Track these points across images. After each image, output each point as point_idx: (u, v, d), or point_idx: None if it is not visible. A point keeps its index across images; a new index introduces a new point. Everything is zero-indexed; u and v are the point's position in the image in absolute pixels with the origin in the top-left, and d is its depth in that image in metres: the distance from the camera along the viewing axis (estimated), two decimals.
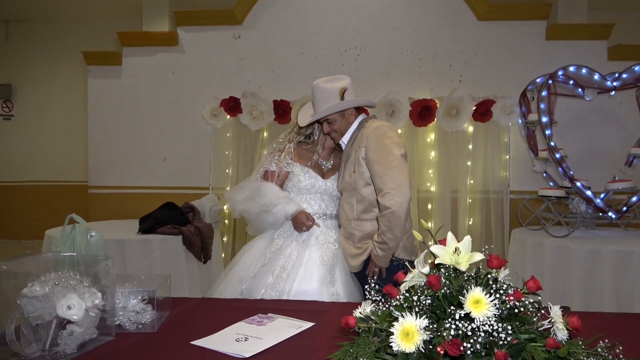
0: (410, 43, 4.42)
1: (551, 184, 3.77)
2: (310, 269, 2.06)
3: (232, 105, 4.20)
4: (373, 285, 1.29)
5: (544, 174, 3.81)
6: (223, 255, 4.22)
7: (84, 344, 1.24)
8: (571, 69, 3.32)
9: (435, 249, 1.19)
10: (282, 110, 4.14)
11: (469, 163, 4.18)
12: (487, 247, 1.27)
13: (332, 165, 2.34)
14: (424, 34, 4.41)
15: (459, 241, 1.18)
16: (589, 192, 3.19)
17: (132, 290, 1.44)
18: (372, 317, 1.23)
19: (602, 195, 3.36)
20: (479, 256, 1.16)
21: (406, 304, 1.17)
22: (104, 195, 4.70)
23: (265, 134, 4.33)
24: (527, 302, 1.11)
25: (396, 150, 1.98)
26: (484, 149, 4.18)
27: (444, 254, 1.18)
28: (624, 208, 3.28)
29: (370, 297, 1.30)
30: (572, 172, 3.23)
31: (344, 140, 2.21)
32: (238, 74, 4.55)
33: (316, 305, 1.74)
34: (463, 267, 1.15)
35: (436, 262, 1.19)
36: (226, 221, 4.42)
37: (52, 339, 1.20)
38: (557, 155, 3.23)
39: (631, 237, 3.21)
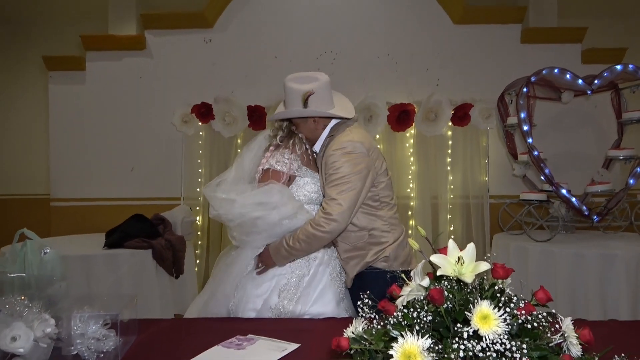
0: (387, 46, 4.35)
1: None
2: (323, 289, 1.86)
3: (203, 111, 4.04)
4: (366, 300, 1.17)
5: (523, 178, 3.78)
6: (197, 269, 4.02)
7: None
8: (546, 71, 3.30)
9: (436, 258, 1.07)
10: (256, 116, 4.00)
11: (448, 168, 4.12)
12: (489, 255, 1.16)
13: None
14: (400, 37, 4.36)
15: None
16: (573, 199, 3.17)
17: (92, 314, 1.27)
18: (366, 337, 1.10)
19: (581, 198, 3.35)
20: (485, 266, 1.05)
21: (405, 322, 1.04)
22: (67, 209, 4.43)
23: (239, 141, 4.18)
24: (540, 316, 1.00)
25: (347, 169, 1.76)
26: (462, 154, 4.14)
27: (446, 264, 1.06)
28: (605, 210, 3.27)
29: (362, 315, 1.17)
30: (547, 170, 3.20)
31: (316, 148, 1.99)
32: (210, 78, 4.38)
33: (299, 323, 1.61)
34: (468, 279, 1.04)
35: (437, 273, 1.07)
36: (199, 233, 4.23)
37: None
38: (535, 153, 3.19)
39: (612, 240, 3.20)
